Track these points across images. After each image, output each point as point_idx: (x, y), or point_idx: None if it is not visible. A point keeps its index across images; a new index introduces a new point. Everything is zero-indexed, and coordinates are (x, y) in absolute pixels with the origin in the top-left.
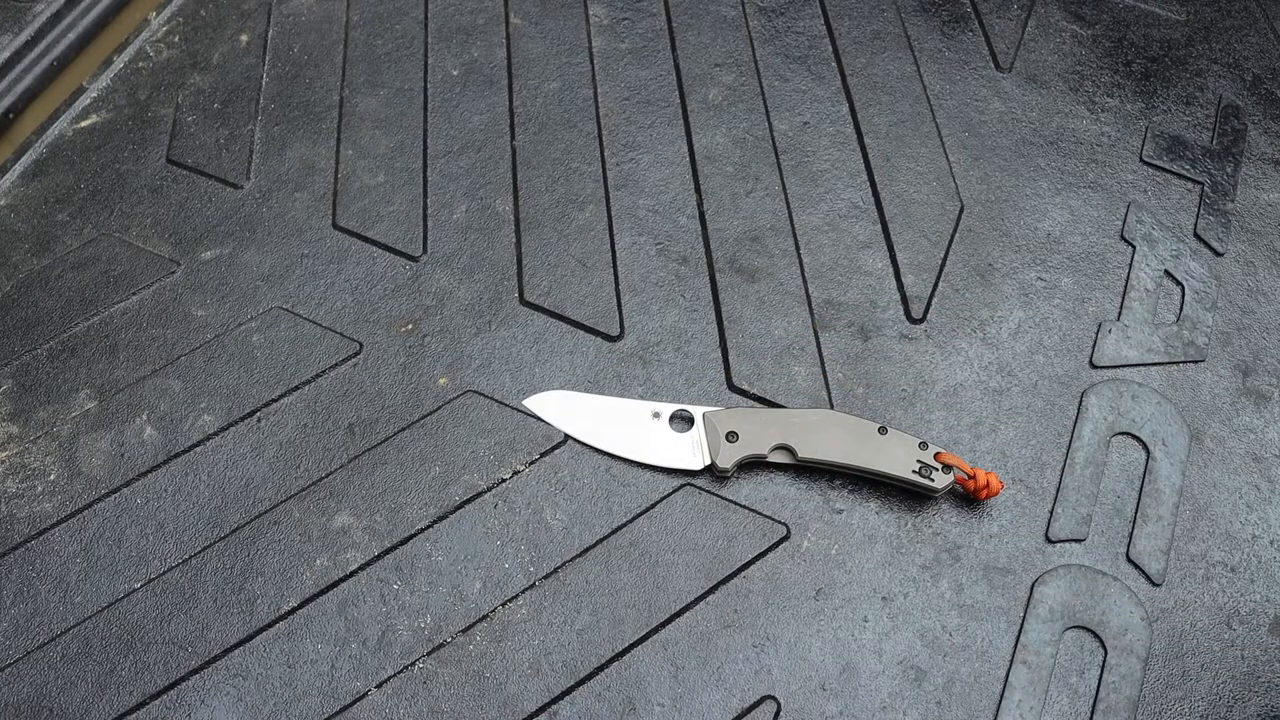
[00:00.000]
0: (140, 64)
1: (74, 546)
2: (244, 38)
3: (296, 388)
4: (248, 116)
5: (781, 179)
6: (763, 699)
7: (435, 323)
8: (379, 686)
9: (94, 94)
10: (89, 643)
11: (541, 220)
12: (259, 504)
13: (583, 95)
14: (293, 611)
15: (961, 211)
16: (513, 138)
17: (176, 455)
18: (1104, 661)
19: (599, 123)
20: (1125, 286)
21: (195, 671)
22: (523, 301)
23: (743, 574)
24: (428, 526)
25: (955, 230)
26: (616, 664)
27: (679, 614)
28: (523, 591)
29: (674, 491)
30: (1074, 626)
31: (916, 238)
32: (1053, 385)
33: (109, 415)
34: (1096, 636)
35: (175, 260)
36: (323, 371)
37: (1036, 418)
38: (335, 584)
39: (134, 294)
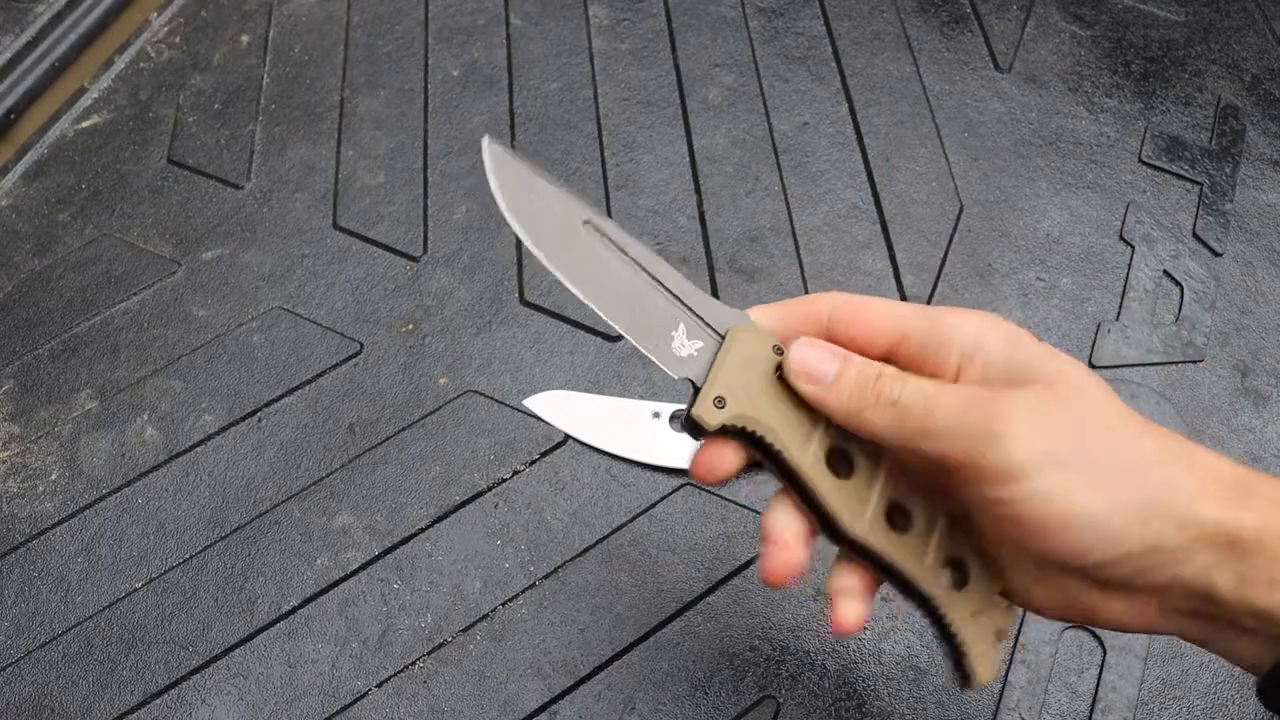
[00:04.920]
0: (141, 65)
1: (75, 546)
2: (245, 38)
3: (297, 388)
4: (249, 117)
5: (781, 179)
6: (762, 698)
7: (436, 323)
8: (379, 686)
9: (95, 94)
10: (90, 642)
11: None
12: (260, 503)
13: (583, 96)
14: (293, 611)
15: (961, 212)
16: (513, 138)
17: (177, 455)
18: (1103, 661)
19: (599, 123)
20: (1124, 286)
21: (196, 671)
22: (523, 301)
23: (742, 574)
24: (428, 526)
25: (954, 230)
26: (616, 663)
27: (679, 614)
28: (523, 591)
29: (674, 491)
30: (1073, 626)
31: (916, 238)
32: None
33: (110, 415)
34: (1095, 636)
35: (176, 260)
36: (323, 371)
37: None
38: (336, 583)
39: (135, 294)
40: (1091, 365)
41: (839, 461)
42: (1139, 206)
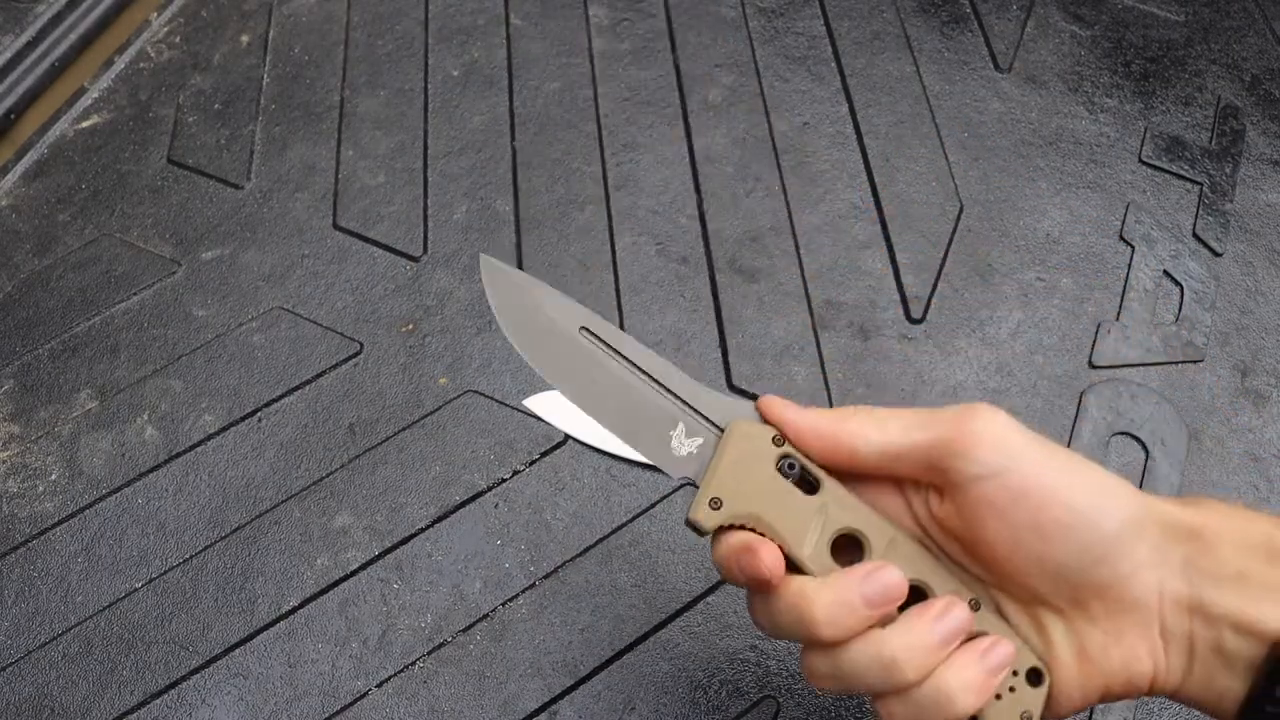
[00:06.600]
0: (141, 65)
1: (75, 546)
2: (245, 38)
3: (297, 387)
4: (248, 117)
5: (781, 179)
6: (762, 698)
7: (436, 323)
8: (379, 686)
9: (95, 94)
10: (90, 642)
11: (541, 220)
12: (260, 503)
13: (583, 95)
14: (293, 611)
15: (961, 212)
16: (513, 138)
17: (177, 455)
18: None
19: (599, 123)
20: (1124, 287)
21: (196, 671)
22: None
23: None
24: (428, 526)
25: (955, 230)
26: (616, 663)
27: (679, 614)
28: (523, 591)
29: (674, 491)
30: None
31: (916, 238)
32: (1052, 385)
33: (110, 415)
34: None
35: (176, 260)
36: (323, 371)
37: (1036, 418)
38: (336, 583)
39: (135, 294)
40: (1091, 365)
41: (848, 547)
42: (1139, 206)
